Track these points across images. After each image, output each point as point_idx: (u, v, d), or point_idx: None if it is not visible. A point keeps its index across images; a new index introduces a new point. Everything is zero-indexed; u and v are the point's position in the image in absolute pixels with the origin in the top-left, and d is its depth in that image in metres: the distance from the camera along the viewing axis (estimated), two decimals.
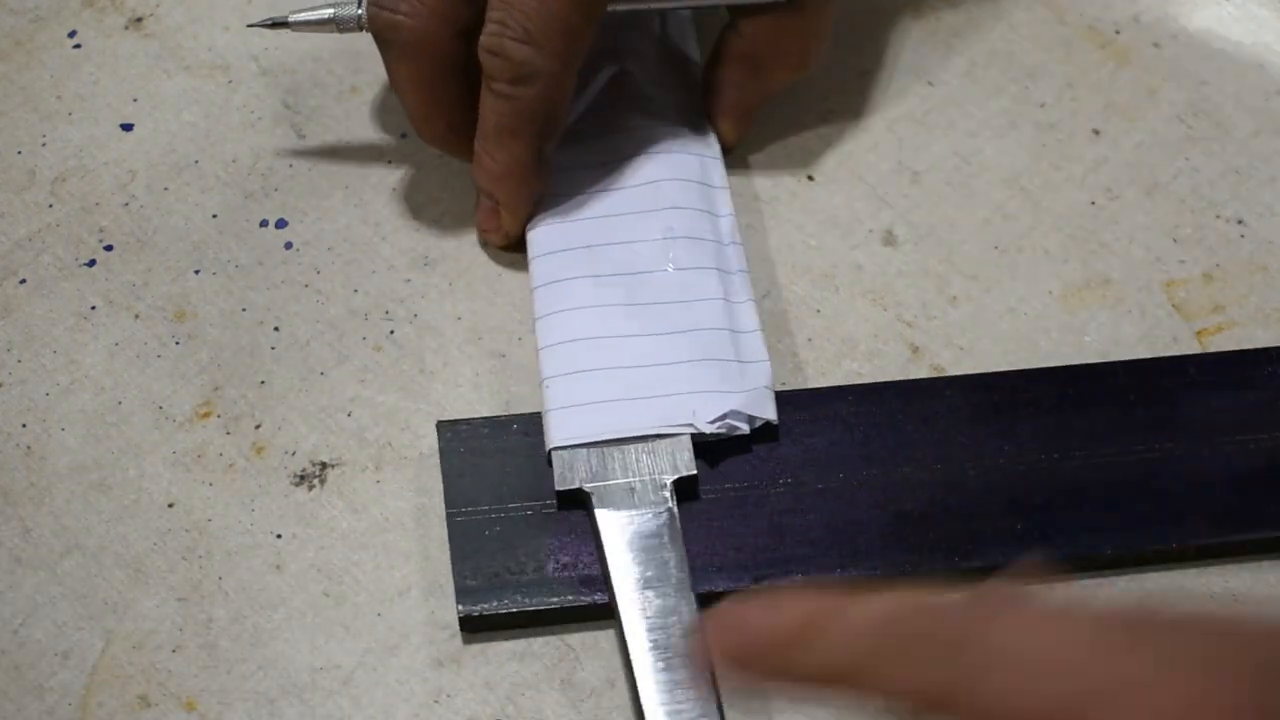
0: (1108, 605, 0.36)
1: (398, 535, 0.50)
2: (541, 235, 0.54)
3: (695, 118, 0.57)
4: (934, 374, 0.54)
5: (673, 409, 0.51)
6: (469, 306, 0.54)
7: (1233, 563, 0.51)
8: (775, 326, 0.55)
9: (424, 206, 0.57)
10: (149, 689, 0.48)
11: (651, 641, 0.47)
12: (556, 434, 0.50)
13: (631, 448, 0.50)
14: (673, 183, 0.55)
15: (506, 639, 0.49)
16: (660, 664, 0.47)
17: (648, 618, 0.47)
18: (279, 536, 0.50)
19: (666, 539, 0.49)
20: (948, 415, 0.52)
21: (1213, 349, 0.54)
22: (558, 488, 0.50)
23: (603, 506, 0.49)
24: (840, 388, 0.53)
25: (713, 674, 0.45)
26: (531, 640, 0.49)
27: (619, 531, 0.49)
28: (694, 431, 0.50)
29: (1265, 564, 0.51)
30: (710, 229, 0.54)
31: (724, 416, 0.51)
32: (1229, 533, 0.50)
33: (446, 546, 0.50)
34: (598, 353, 0.52)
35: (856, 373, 0.54)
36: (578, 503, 0.50)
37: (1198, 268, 0.56)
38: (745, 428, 0.51)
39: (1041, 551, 0.50)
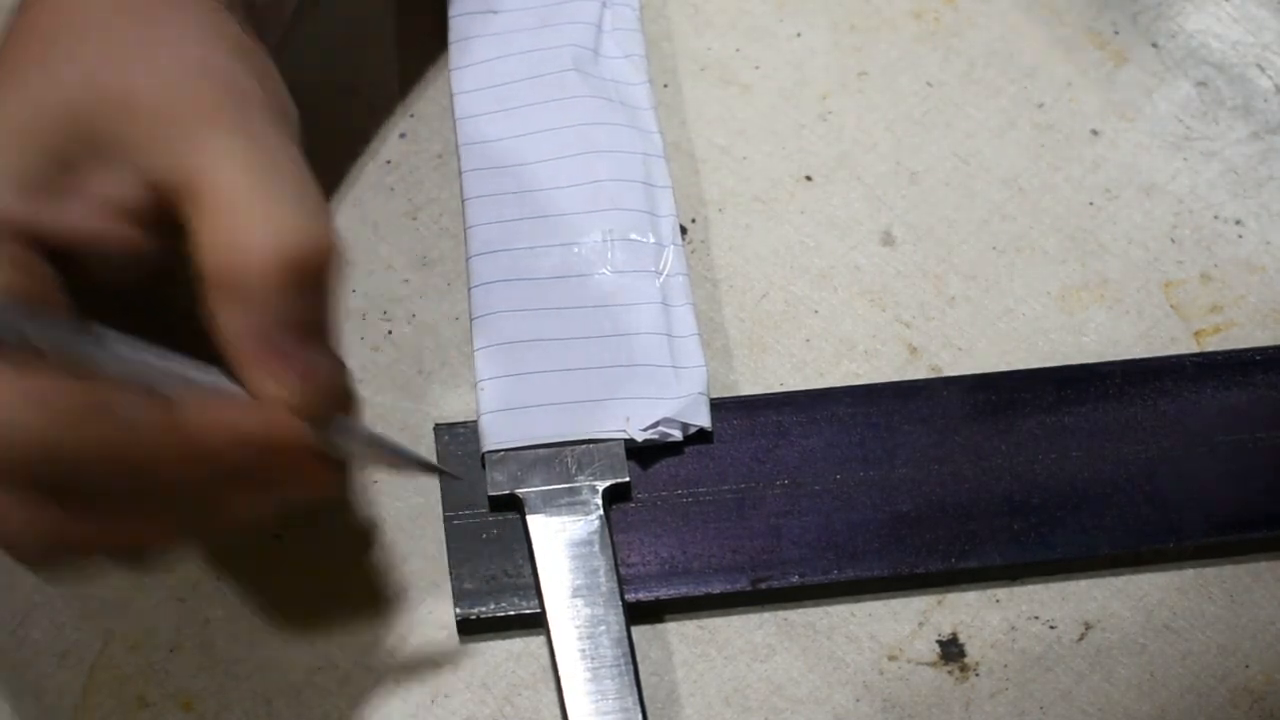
0: None
1: (395, 536, 0.50)
2: (480, 234, 0.54)
3: (640, 115, 0.57)
4: (932, 374, 0.54)
5: (607, 415, 0.50)
6: (467, 307, 0.54)
7: (1231, 563, 0.51)
8: (774, 327, 0.55)
9: (423, 206, 0.57)
10: (146, 689, 0.48)
11: (579, 650, 0.47)
12: (490, 438, 0.50)
13: (566, 453, 0.50)
14: (615, 183, 0.55)
15: (503, 639, 0.49)
16: (588, 674, 0.47)
17: (577, 626, 0.47)
18: (278, 537, 0.50)
19: (597, 547, 0.49)
20: (945, 416, 0.52)
21: (1211, 349, 0.54)
22: (490, 492, 0.49)
23: (534, 512, 0.49)
24: (838, 388, 0.53)
25: (639, 686, 0.46)
26: (529, 640, 0.49)
27: (550, 538, 0.49)
28: (627, 438, 0.50)
29: (1264, 564, 0.51)
30: (651, 230, 0.54)
31: (657, 424, 0.50)
32: (1227, 533, 0.50)
33: (444, 547, 0.50)
34: (533, 356, 0.51)
35: (855, 373, 0.54)
36: (511, 507, 0.50)
37: (1196, 268, 0.56)
38: (679, 435, 0.51)
39: (1039, 551, 0.50)
